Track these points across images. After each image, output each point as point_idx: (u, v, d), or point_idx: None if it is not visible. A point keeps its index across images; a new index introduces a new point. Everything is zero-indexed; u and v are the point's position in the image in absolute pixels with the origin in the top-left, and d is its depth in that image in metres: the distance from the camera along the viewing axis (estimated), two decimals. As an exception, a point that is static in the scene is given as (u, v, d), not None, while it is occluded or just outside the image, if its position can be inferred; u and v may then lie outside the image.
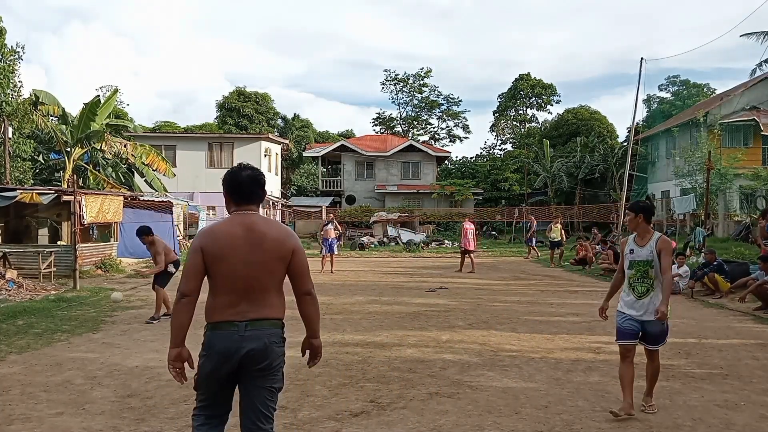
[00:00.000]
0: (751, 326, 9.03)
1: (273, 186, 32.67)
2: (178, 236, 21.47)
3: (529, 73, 50.28)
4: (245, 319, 2.89)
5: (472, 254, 18.34)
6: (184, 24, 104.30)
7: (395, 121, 56.61)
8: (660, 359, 4.98)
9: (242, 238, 2.91)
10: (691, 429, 4.48)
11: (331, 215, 20.81)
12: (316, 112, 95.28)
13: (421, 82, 54.48)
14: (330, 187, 42.46)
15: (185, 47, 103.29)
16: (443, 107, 55.00)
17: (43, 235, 18.48)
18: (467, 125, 55.50)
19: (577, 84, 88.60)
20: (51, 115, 22.87)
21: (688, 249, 15.99)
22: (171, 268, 9.17)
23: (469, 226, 18.45)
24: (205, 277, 2.96)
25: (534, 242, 23.96)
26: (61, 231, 17.48)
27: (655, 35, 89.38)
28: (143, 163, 23.11)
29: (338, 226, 18.42)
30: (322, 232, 17.84)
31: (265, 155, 30.54)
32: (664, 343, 4.85)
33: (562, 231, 20.98)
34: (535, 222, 24.72)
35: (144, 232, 9.10)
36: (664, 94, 54.20)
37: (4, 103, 19.39)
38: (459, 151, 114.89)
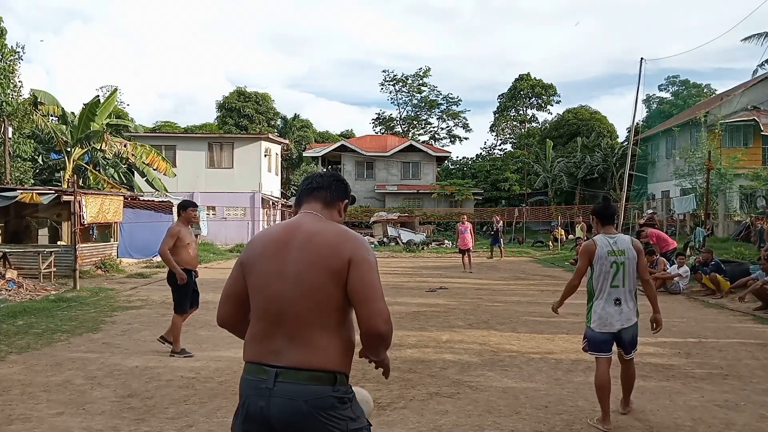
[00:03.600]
0: (751, 326, 9.02)
1: (273, 186, 32.68)
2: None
3: (529, 73, 50.35)
4: (277, 364, 1.97)
5: (469, 253, 18.51)
6: (184, 24, 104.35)
7: (395, 121, 56.63)
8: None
9: (281, 242, 2.06)
10: (691, 429, 4.48)
11: None
12: (316, 112, 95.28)
13: (420, 82, 54.54)
14: (330, 187, 42.36)
15: (185, 47, 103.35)
16: (443, 107, 55.04)
17: (43, 235, 18.48)
18: (467, 124, 55.59)
19: (577, 84, 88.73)
20: (51, 115, 22.86)
21: (689, 249, 15.99)
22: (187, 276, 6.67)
23: (465, 226, 18.72)
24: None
25: (502, 243, 23.58)
26: (61, 231, 17.48)
27: (655, 35, 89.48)
28: (143, 163, 23.11)
29: None
30: None
31: (265, 155, 30.52)
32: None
33: (584, 230, 22.41)
34: (501, 222, 24.31)
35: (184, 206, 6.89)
36: (663, 95, 54.32)
37: (4, 103, 19.38)
38: (459, 151, 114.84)
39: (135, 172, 25.23)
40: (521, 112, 52.29)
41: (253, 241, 2.17)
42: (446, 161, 47.62)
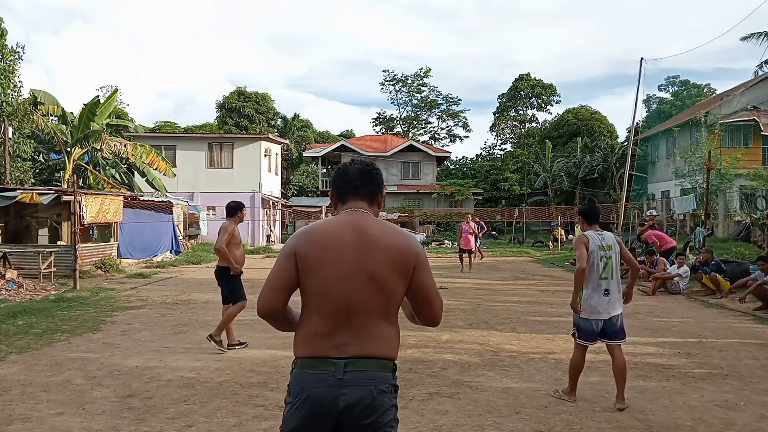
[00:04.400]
0: (751, 326, 9.02)
1: (273, 186, 32.68)
2: (178, 236, 21.48)
3: (529, 73, 50.40)
4: (344, 356, 2.10)
5: (471, 254, 18.48)
6: (184, 24, 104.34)
7: (395, 121, 56.66)
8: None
9: (348, 243, 2.16)
10: (691, 429, 4.48)
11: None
12: (317, 112, 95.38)
13: (420, 82, 54.58)
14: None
15: (185, 47, 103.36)
16: (442, 107, 55.07)
17: (43, 235, 18.47)
18: (467, 124, 55.64)
19: (577, 84, 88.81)
20: (51, 115, 22.85)
21: (689, 249, 15.99)
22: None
23: (469, 226, 18.68)
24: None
25: (479, 243, 23.32)
26: (61, 231, 17.47)
27: (655, 35, 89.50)
28: (143, 163, 23.12)
29: None
30: None
31: (265, 155, 30.52)
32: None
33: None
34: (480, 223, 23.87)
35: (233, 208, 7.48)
36: (663, 95, 54.32)
37: (4, 103, 19.37)
38: (459, 151, 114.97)
39: (135, 172, 25.22)
40: (521, 112, 52.31)
41: (310, 237, 2.20)
42: (446, 161, 47.63)
